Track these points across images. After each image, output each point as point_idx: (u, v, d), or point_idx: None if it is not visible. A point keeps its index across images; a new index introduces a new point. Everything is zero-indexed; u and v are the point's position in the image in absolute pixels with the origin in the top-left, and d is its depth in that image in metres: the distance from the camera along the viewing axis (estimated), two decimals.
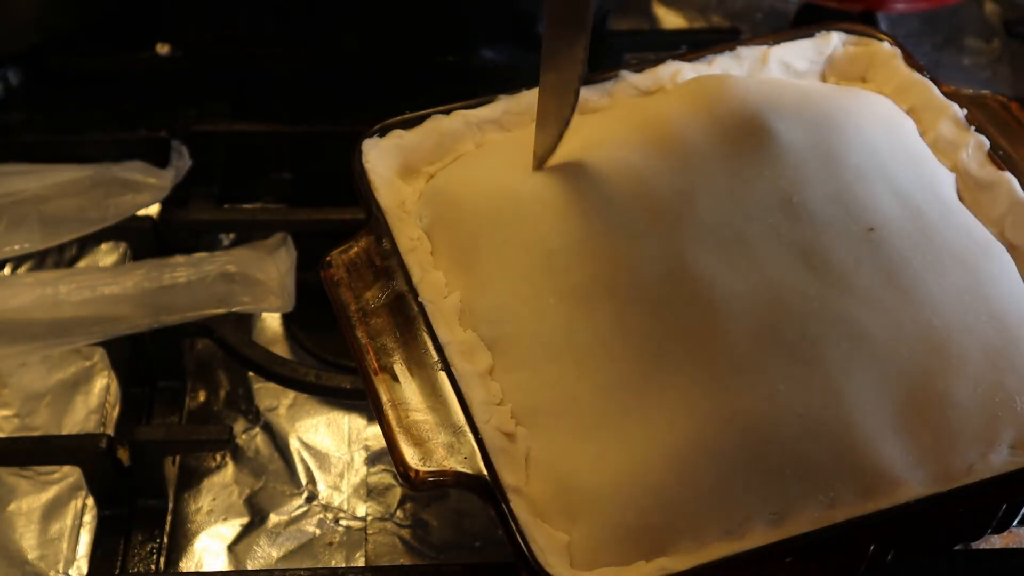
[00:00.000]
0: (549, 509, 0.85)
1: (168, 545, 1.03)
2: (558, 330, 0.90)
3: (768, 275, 0.91)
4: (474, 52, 1.30)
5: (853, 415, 0.85)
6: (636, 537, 0.83)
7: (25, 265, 1.23)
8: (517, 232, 0.95)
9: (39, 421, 1.12)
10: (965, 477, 0.86)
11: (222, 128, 1.31)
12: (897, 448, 0.86)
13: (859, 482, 0.84)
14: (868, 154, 0.99)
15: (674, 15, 1.50)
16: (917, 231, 0.95)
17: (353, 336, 0.91)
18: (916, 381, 0.88)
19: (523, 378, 0.90)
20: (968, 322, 0.90)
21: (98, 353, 1.14)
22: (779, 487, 0.84)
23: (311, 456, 1.09)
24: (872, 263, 0.92)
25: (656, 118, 1.01)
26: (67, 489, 1.07)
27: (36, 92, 1.37)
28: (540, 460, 0.86)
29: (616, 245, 0.93)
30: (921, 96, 1.07)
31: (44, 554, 1.03)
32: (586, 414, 0.87)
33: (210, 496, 1.07)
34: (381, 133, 1.02)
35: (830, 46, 1.11)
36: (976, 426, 0.88)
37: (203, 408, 1.13)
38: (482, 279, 0.94)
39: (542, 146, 0.97)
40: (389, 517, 1.05)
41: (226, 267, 1.11)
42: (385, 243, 0.96)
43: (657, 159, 0.98)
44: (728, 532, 0.83)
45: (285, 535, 1.04)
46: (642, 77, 1.07)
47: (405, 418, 0.86)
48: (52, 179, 1.17)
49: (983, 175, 1.01)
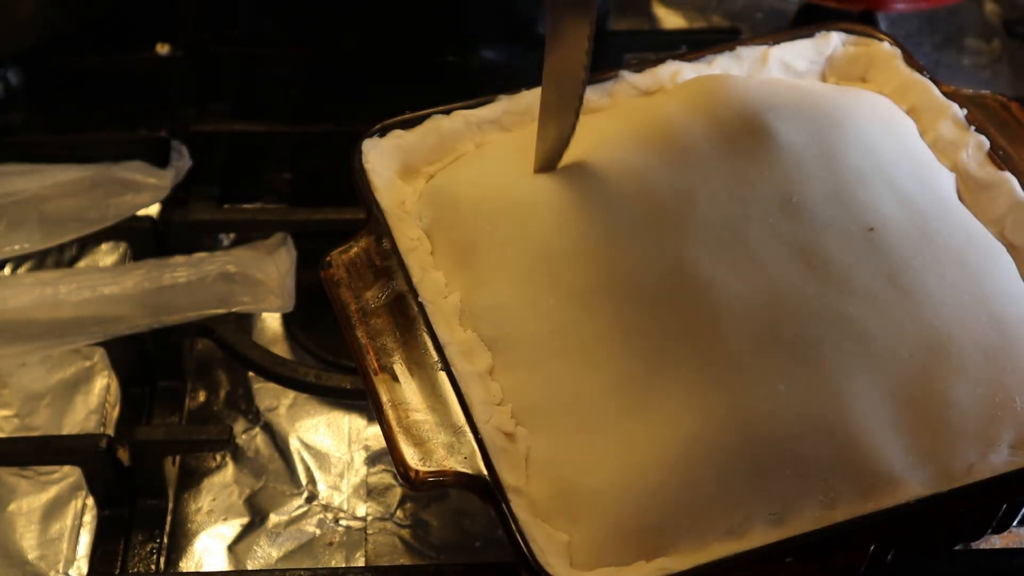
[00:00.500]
0: (549, 509, 0.85)
1: (168, 545, 1.03)
2: (558, 330, 0.90)
3: (768, 275, 0.91)
4: (474, 52, 1.30)
5: (853, 415, 0.85)
6: (636, 537, 0.83)
7: (25, 265, 1.23)
8: (517, 232, 0.95)
9: (39, 421, 1.11)
10: (965, 477, 0.86)
11: (222, 128, 1.31)
12: (897, 448, 0.86)
13: (859, 482, 0.84)
14: (868, 154, 0.99)
15: (674, 15, 1.50)
16: (917, 231, 0.95)
17: (353, 336, 0.91)
18: (916, 381, 0.88)
19: (523, 378, 0.90)
20: (968, 322, 0.90)
21: (98, 353, 1.14)
22: (779, 487, 0.84)
23: (311, 456, 1.09)
24: (872, 263, 0.92)
25: (656, 118, 1.01)
26: (67, 489, 1.07)
27: (36, 92, 1.37)
28: (540, 460, 0.86)
29: (616, 245, 0.93)
30: (921, 96, 1.07)
31: (44, 554, 1.03)
32: (586, 414, 0.87)
33: (210, 496, 1.07)
34: (381, 133, 1.02)
35: (830, 46, 1.11)
36: (976, 426, 0.88)
37: (203, 408, 1.13)
38: (482, 279, 0.94)
39: (546, 146, 0.97)
40: (389, 517, 1.05)
41: (226, 267, 1.11)
42: (385, 243, 0.96)
43: (657, 159, 0.98)
44: (728, 532, 0.83)
45: (285, 535, 1.04)
46: (642, 77, 1.07)
47: (405, 418, 0.86)
48: (52, 179, 1.17)
49: (983, 175, 1.01)
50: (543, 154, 0.97)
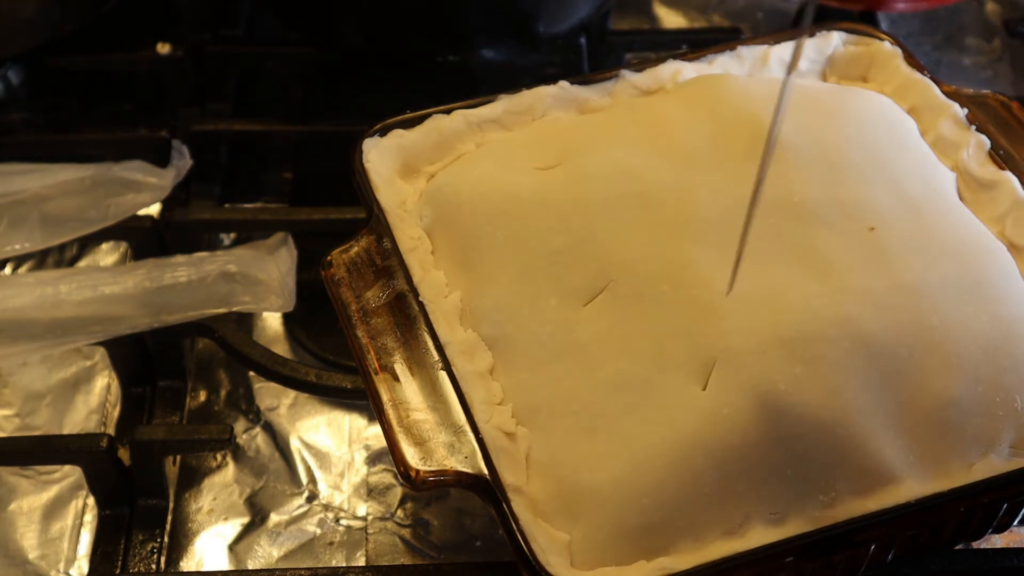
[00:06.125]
0: (550, 508, 0.85)
1: (169, 545, 1.03)
2: (559, 330, 0.90)
3: (768, 274, 0.91)
4: (475, 51, 1.30)
5: (853, 414, 0.85)
6: (637, 536, 0.83)
7: (26, 265, 1.23)
8: (518, 232, 0.95)
9: (40, 421, 1.11)
10: (966, 476, 0.86)
11: (223, 127, 1.31)
12: (897, 447, 0.86)
13: (859, 481, 0.85)
14: (869, 154, 0.99)
15: (675, 15, 1.50)
16: (917, 230, 0.95)
17: (354, 336, 0.91)
18: (916, 380, 0.88)
19: (524, 378, 0.90)
20: (968, 321, 0.90)
21: (99, 353, 1.14)
22: (779, 486, 0.84)
23: (312, 456, 1.09)
24: (872, 262, 0.92)
25: (657, 118, 1.02)
26: (68, 489, 1.07)
27: (37, 91, 1.37)
28: (541, 460, 0.87)
29: (616, 245, 0.93)
30: (922, 96, 1.07)
31: (45, 554, 1.03)
32: (587, 414, 0.87)
33: (211, 496, 1.07)
34: (382, 132, 1.02)
35: (831, 46, 1.11)
36: (976, 425, 0.88)
37: (204, 408, 1.13)
38: (483, 278, 0.94)
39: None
40: (390, 517, 1.05)
41: (227, 267, 1.11)
42: (386, 243, 0.96)
43: (657, 159, 0.98)
44: (728, 531, 0.83)
45: (286, 535, 1.04)
46: (643, 77, 1.07)
47: (406, 418, 0.86)
48: (53, 179, 1.17)
49: (984, 175, 1.01)
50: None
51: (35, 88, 1.37)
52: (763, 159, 0.85)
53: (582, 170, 0.97)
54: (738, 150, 0.98)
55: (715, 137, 0.99)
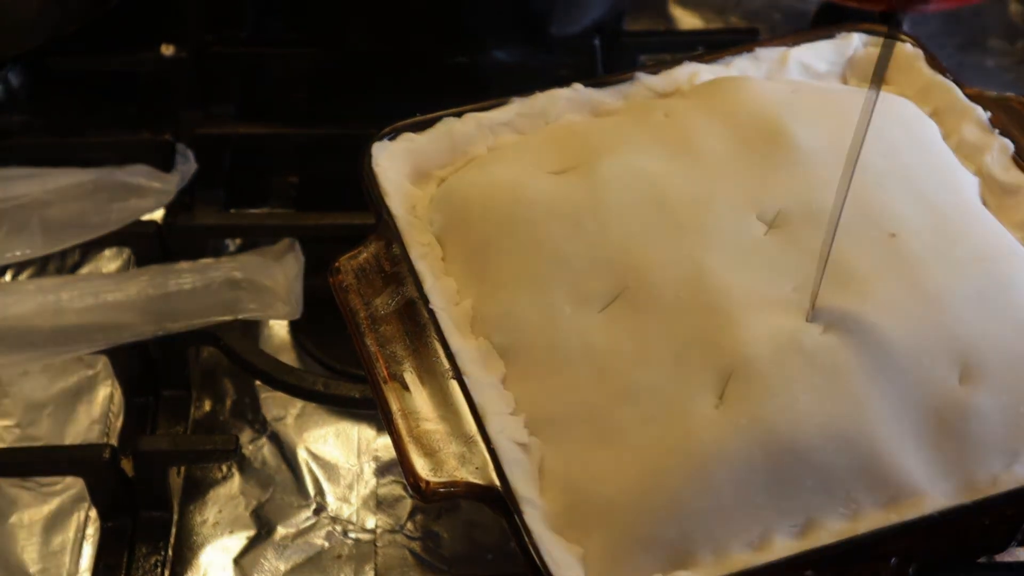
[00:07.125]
0: (563, 521, 0.84)
1: (173, 558, 1.03)
2: (573, 338, 0.90)
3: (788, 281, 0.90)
4: (486, 53, 1.31)
5: (875, 425, 0.85)
6: (653, 549, 0.82)
7: (27, 271, 1.23)
8: (531, 238, 0.95)
9: (41, 431, 1.11)
10: (990, 488, 0.85)
11: (228, 131, 1.31)
12: (920, 458, 0.85)
13: (881, 493, 0.84)
14: (890, 158, 0.98)
15: (691, 15, 1.51)
16: (940, 236, 0.94)
17: (362, 344, 0.91)
18: (939, 390, 0.87)
19: (537, 387, 0.89)
20: (992, 329, 0.89)
21: (101, 361, 1.14)
22: (800, 498, 0.83)
23: (319, 467, 1.09)
24: (894, 269, 0.91)
25: (672, 121, 1.01)
26: (69, 501, 1.06)
27: (38, 94, 1.38)
28: (554, 471, 0.86)
29: (632, 251, 0.92)
30: (944, 98, 1.06)
31: (46, 567, 1.03)
32: (602, 423, 0.86)
33: (216, 508, 1.06)
34: (391, 136, 1.02)
35: (851, 47, 1.11)
36: (1000, 436, 0.87)
37: (209, 417, 1.13)
38: (495, 285, 0.94)
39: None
40: (399, 529, 1.05)
41: (232, 273, 1.11)
42: (395, 248, 0.96)
43: (673, 163, 0.97)
44: (748, 544, 0.83)
45: (293, 548, 1.03)
46: (658, 79, 1.07)
47: (416, 428, 0.86)
48: (54, 183, 1.17)
49: (1007, 179, 1.01)
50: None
51: (35, 90, 1.37)
52: (843, 173, 0.86)
53: (597, 174, 0.97)
54: (756, 154, 0.97)
55: (733, 141, 0.99)
